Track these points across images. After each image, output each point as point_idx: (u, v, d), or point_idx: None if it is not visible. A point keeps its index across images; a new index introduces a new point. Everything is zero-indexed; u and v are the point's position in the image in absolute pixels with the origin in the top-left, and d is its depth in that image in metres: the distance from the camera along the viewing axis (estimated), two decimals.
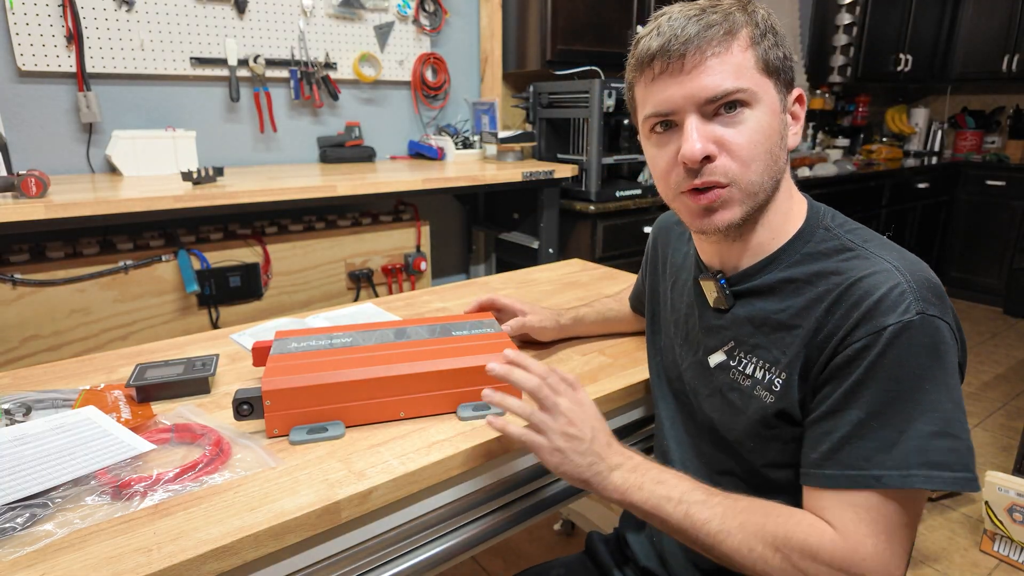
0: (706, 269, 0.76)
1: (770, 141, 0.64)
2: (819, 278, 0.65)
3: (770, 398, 0.67)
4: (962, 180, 3.88)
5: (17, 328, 1.46)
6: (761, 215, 0.68)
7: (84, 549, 0.55)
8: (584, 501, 1.67)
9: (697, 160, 0.63)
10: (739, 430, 0.71)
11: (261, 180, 1.76)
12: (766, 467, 0.69)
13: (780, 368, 0.66)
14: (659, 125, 0.67)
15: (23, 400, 0.79)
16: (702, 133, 0.63)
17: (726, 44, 0.62)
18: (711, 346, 0.75)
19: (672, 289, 0.85)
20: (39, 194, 1.40)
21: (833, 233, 0.68)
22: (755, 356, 0.69)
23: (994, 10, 3.70)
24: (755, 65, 0.63)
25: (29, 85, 1.77)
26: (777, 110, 0.65)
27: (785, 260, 0.68)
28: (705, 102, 0.62)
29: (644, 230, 2.41)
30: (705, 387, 0.76)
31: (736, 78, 0.62)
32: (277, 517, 0.59)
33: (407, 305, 1.25)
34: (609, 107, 2.20)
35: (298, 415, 0.74)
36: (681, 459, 0.81)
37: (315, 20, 2.20)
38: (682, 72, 0.63)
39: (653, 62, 0.64)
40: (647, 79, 0.66)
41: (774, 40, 0.65)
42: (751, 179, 0.64)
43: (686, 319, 0.80)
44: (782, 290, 0.68)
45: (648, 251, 0.96)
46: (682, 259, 0.85)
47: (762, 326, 0.69)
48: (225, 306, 1.75)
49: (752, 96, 0.63)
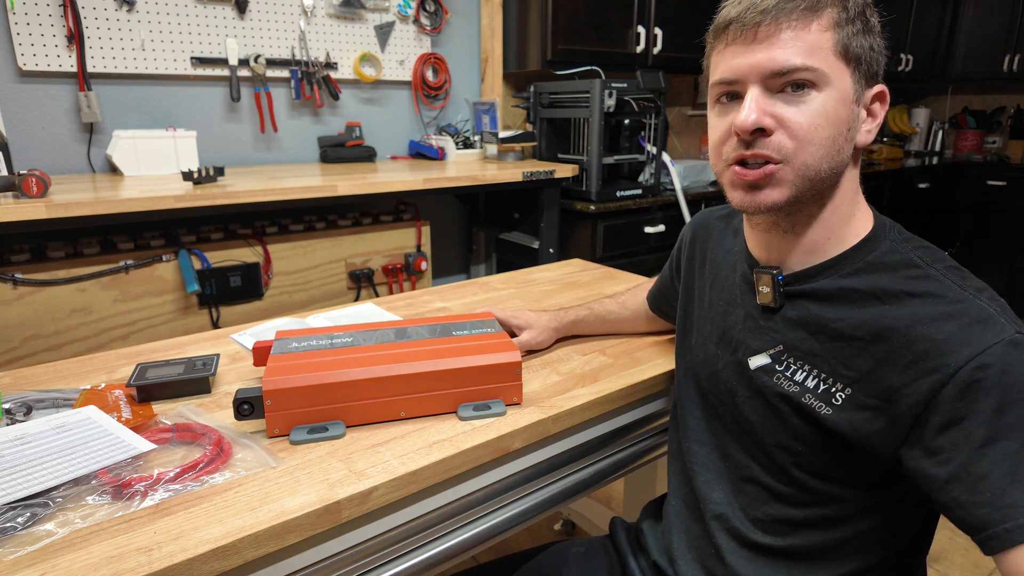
0: (757, 263, 0.73)
1: (834, 128, 0.61)
2: (889, 296, 0.61)
3: (827, 410, 0.63)
4: (963, 180, 3.87)
5: (18, 327, 1.46)
6: (816, 208, 0.65)
7: (85, 548, 0.55)
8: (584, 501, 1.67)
9: (748, 130, 0.61)
10: (784, 436, 0.68)
11: (262, 180, 1.76)
12: (811, 476, 0.66)
13: (842, 382, 0.63)
14: (724, 96, 0.65)
15: (24, 399, 0.79)
16: (760, 105, 0.61)
17: (805, 20, 0.60)
18: (755, 347, 0.71)
19: (711, 286, 0.82)
20: (40, 194, 1.40)
21: (900, 247, 0.64)
22: (807, 364, 0.66)
23: (995, 10, 3.70)
24: (833, 48, 0.60)
25: (30, 85, 1.77)
26: (849, 99, 0.62)
27: (847, 266, 0.65)
28: (771, 74, 0.60)
29: (645, 230, 2.41)
30: (745, 389, 0.72)
31: (807, 56, 0.59)
32: (278, 517, 0.59)
33: (407, 305, 1.25)
34: (609, 107, 2.19)
35: (299, 415, 0.74)
36: (702, 461, 0.79)
37: (316, 20, 2.20)
38: (754, 41, 0.61)
39: (728, 29, 0.63)
40: (721, 46, 0.64)
41: (862, 27, 0.61)
42: (806, 160, 0.61)
43: (724, 317, 0.77)
44: (843, 299, 0.64)
45: (682, 248, 0.93)
46: (723, 255, 0.82)
47: (817, 333, 0.65)
48: (226, 306, 1.75)
49: (822, 78, 0.60)
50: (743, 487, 0.72)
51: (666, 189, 2.52)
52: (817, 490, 0.66)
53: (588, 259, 1.73)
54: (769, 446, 0.69)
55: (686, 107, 3.34)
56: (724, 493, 0.75)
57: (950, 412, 0.54)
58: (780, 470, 0.69)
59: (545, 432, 0.80)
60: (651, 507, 0.93)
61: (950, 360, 0.55)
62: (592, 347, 1.03)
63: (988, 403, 0.53)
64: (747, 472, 0.72)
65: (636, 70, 2.27)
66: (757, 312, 0.72)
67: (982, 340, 0.54)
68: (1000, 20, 3.68)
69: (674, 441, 0.86)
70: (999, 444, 0.52)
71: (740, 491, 0.73)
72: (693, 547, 0.79)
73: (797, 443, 0.67)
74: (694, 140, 3.43)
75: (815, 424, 0.64)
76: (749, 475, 0.72)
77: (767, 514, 0.70)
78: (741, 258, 0.77)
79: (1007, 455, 0.52)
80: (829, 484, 0.65)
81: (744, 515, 0.72)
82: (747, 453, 0.73)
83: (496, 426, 0.77)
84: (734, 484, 0.73)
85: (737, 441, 0.74)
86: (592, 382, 0.89)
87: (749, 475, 0.72)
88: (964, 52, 3.86)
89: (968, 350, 0.54)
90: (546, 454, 0.84)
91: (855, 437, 0.61)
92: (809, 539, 0.67)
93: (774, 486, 0.69)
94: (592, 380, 0.90)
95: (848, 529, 0.66)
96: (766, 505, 0.70)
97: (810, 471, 0.66)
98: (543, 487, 0.85)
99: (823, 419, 0.63)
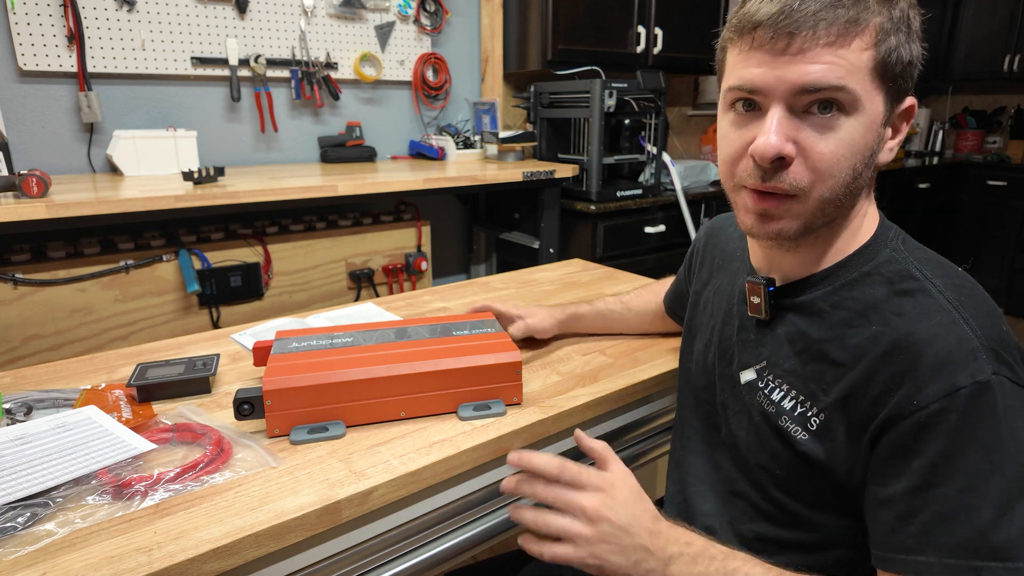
0: (754, 272, 0.70)
1: (856, 157, 0.57)
2: (874, 313, 0.58)
3: (803, 434, 0.61)
4: (963, 180, 3.87)
5: (18, 327, 1.46)
6: (825, 229, 0.62)
7: (85, 548, 0.55)
8: None
9: (769, 159, 0.56)
10: (764, 456, 0.65)
11: (262, 180, 1.76)
12: (791, 499, 0.64)
13: (818, 407, 0.60)
14: (742, 103, 0.59)
15: (24, 399, 0.79)
16: (784, 128, 0.55)
17: (847, 36, 0.53)
18: (745, 361, 0.69)
19: (715, 293, 0.80)
20: (40, 194, 1.40)
21: (900, 257, 0.60)
22: (786, 383, 0.63)
23: (995, 10, 3.70)
24: (871, 68, 0.55)
25: (30, 85, 1.78)
26: (877, 124, 0.57)
27: (842, 278, 0.62)
28: (800, 91, 0.54)
29: (645, 230, 2.41)
30: (735, 403, 0.70)
31: (843, 76, 0.54)
32: (278, 517, 0.59)
33: (408, 305, 1.25)
34: (610, 107, 2.19)
35: (299, 415, 0.74)
36: (696, 471, 0.77)
37: (316, 20, 2.20)
38: (785, 52, 0.54)
39: (756, 31, 0.55)
40: (744, 46, 0.57)
41: (905, 39, 0.56)
42: (823, 195, 0.57)
43: (723, 326, 0.75)
44: (829, 316, 0.61)
45: (697, 252, 0.91)
46: (728, 262, 0.79)
47: (801, 353, 0.63)
48: (226, 306, 1.75)
49: (853, 102, 0.55)
50: (732, 501, 0.71)
51: (666, 189, 2.52)
52: (798, 513, 0.64)
53: (588, 259, 1.73)
54: (752, 464, 0.67)
55: (686, 107, 3.34)
56: (714, 505, 0.74)
57: (899, 442, 0.53)
58: (763, 489, 0.66)
59: (545, 432, 0.80)
60: None
61: (916, 396, 0.52)
62: (592, 347, 1.03)
63: (937, 447, 0.51)
64: (736, 486, 0.70)
65: (636, 70, 2.27)
66: (751, 324, 0.70)
67: (953, 379, 0.51)
68: (1000, 20, 3.68)
69: (674, 448, 0.85)
70: (935, 489, 0.51)
71: (729, 504, 0.72)
72: None
73: (775, 465, 0.64)
74: (694, 140, 3.43)
75: (791, 447, 0.62)
76: (737, 489, 0.70)
77: (753, 531, 0.68)
78: (743, 267, 0.75)
79: (939, 499, 0.51)
80: (809, 509, 0.63)
81: (731, 529, 0.71)
82: (736, 467, 0.70)
83: (496, 426, 0.77)
84: (724, 497, 0.72)
85: (728, 454, 0.72)
86: (592, 382, 0.89)
87: (737, 489, 0.70)
88: (964, 52, 3.86)
89: (935, 389, 0.51)
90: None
91: (830, 464, 0.59)
92: (792, 560, 0.64)
93: (760, 503, 0.67)
94: (592, 380, 0.90)
95: (830, 555, 0.63)
96: (752, 522, 0.68)
97: (790, 494, 0.64)
98: None
99: (798, 443, 0.61)
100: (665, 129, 2.49)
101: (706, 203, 2.58)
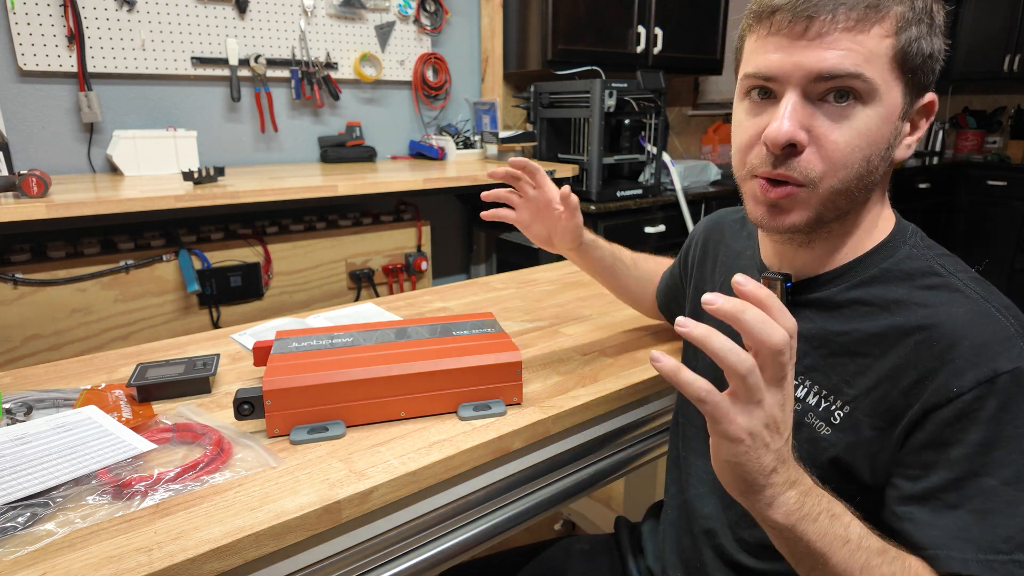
0: (766, 269, 0.69)
1: (871, 148, 0.56)
2: (900, 306, 0.57)
3: (826, 429, 0.60)
4: (963, 180, 3.87)
5: (18, 327, 1.46)
6: (837, 223, 0.61)
7: (85, 548, 0.55)
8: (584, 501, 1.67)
9: (780, 145, 0.55)
10: None
11: (262, 180, 1.76)
12: None
13: (842, 399, 0.59)
14: (757, 91, 0.59)
15: (24, 399, 0.79)
16: (797, 115, 0.55)
17: (866, 22, 0.53)
18: None
19: (721, 290, 0.78)
20: (40, 194, 1.40)
21: (921, 254, 0.60)
22: (807, 379, 0.62)
23: (995, 10, 3.70)
24: (890, 57, 0.54)
25: (30, 85, 1.78)
26: (894, 116, 0.56)
27: (860, 274, 0.61)
28: (816, 77, 0.54)
29: (645, 230, 2.41)
30: None
31: (861, 63, 0.53)
32: (278, 517, 0.59)
33: (408, 305, 1.25)
34: (610, 107, 2.20)
35: (299, 415, 0.74)
36: (697, 472, 0.76)
37: (316, 20, 2.20)
38: (803, 37, 0.54)
39: (774, 15, 0.55)
40: (761, 32, 0.57)
41: (927, 30, 0.55)
42: (834, 185, 0.56)
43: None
44: (850, 311, 0.60)
45: (694, 249, 0.89)
46: (735, 258, 0.78)
47: (820, 347, 0.62)
48: (226, 306, 1.75)
49: (870, 91, 0.54)
50: (733, 504, 0.70)
51: (666, 189, 2.52)
52: None
53: None
54: None
55: (686, 107, 3.34)
56: (714, 508, 0.73)
57: (936, 434, 0.52)
58: None
59: (545, 432, 0.80)
60: (654, 509, 0.92)
61: (954, 383, 0.51)
62: (592, 347, 1.03)
63: (977, 436, 0.50)
64: None
65: (636, 70, 2.28)
66: None
67: (992, 365, 0.50)
68: (1000, 20, 3.68)
69: (673, 448, 0.85)
70: (978, 479, 0.50)
71: (730, 508, 0.71)
72: (682, 559, 0.78)
73: None
74: (694, 140, 3.44)
75: (812, 444, 0.61)
76: None
77: (753, 536, 0.68)
78: (753, 263, 0.74)
79: (981, 491, 0.50)
80: None
81: (731, 533, 0.70)
82: None
83: (496, 426, 0.77)
84: (724, 500, 0.71)
85: None
86: (592, 382, 0.89)
87: None
88: (964, 52, 3.86)
89: (974, 375, 0.50)
90: (546, 454, 0.84)
91: (851, 460, 0.58)
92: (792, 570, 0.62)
93: None
94: (592, 380, 0.90)
95: None
96: (754, 527, 0.67)
97: None
98: (543, 487, 0.85)
99: (820, 439, 0.60)
100: (665, 129, 2.49)
101: (706, 203, 2.59)
